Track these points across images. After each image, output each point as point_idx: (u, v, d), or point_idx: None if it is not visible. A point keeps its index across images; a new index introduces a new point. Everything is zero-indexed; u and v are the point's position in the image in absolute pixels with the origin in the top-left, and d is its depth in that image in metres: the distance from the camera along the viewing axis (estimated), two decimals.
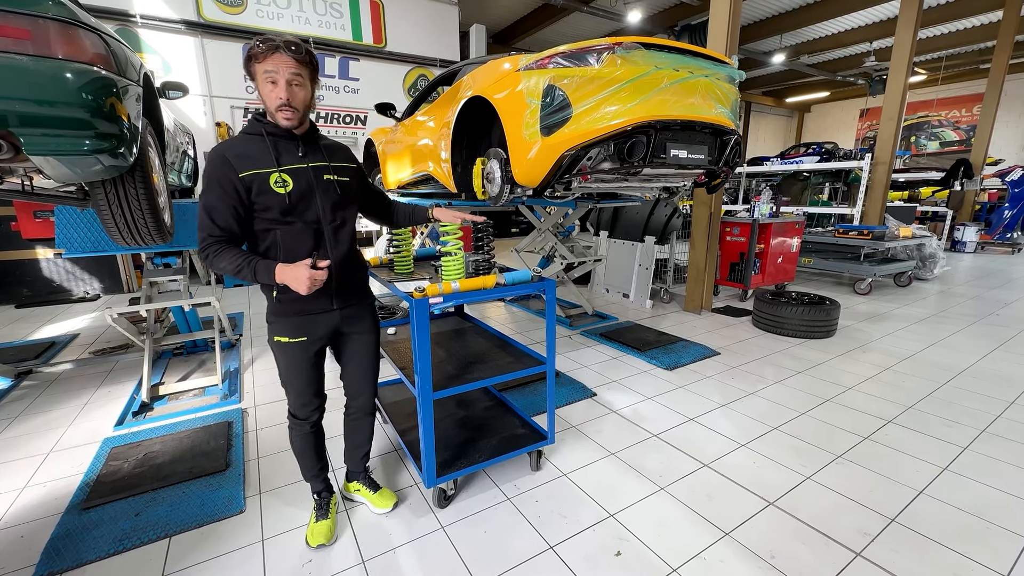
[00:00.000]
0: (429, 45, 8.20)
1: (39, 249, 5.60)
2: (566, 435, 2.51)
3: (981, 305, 5.22)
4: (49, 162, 1.60)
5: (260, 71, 1.37)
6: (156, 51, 6.31)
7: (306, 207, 1.50)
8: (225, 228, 1.42)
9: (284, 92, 1.38)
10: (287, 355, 1.62)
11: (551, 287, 2.02)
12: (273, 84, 1.38)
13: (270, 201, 1.44)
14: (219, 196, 1.40)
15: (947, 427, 2.58)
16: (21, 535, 1.82)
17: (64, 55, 1.50)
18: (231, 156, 1.41)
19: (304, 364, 1.65)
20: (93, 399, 3.01)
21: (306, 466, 1.81)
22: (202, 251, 1.42)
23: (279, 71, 1.36)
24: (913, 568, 1.63)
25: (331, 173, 1.56)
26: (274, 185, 1.43)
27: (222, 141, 1.45)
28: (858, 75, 14.85)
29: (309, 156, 1.52)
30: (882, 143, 6.93)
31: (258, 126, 1.47)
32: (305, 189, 1.49)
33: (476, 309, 5.14)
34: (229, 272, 1.41)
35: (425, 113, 3.46)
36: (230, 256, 1.40)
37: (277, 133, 1.47)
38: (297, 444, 1.77)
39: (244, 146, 1.44)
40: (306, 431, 1.75)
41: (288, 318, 1.58)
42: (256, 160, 1.43)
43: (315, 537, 1.75)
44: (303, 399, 1.70)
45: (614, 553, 1.71)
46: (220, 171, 1.40)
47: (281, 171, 1.44)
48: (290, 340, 1.59)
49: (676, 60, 2.28)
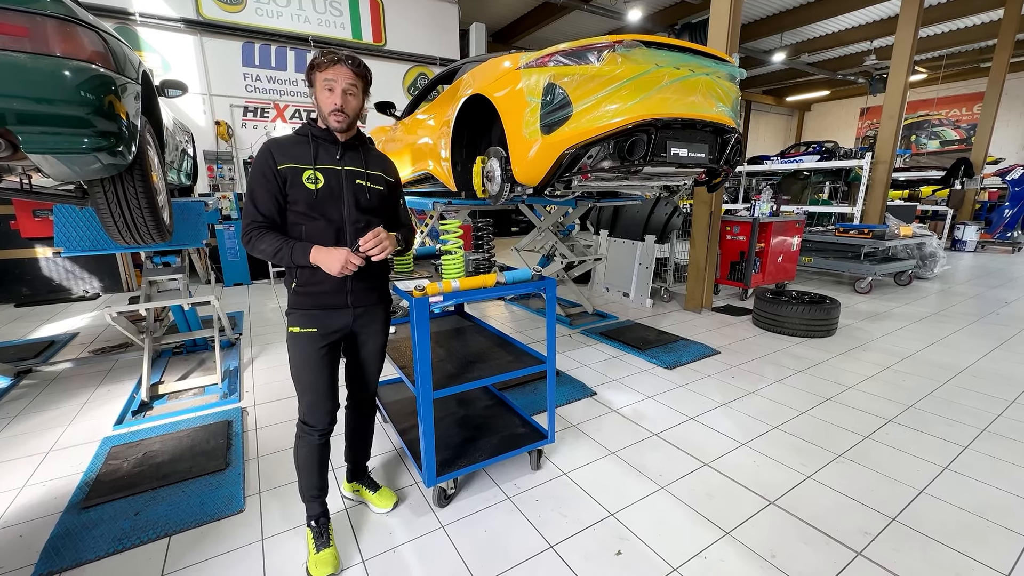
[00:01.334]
0: (429, 44, 8.18)
1: (38, 248, 5.59)
2: (566, 434, 2.51)
3: (981, 304, 5.21)
4: (48, 160, 1.59)
5: (320, 79, 1.51)
6: (155, 49, 6.30)
7: (332, 205, 1.58)
8: (267, 214, 1.53)
9: (339, 99, 1.51)
10: (298, 346, 1.62)
11: (551, 286, 2.02)
12: (330, 91, 1.51)
13: (299, 195, 1.53)
14: (262, 184, 1.52)
15: (948, 426, 2.57)
16: (20, 534, 1.82)
17: (62, 52, 1.50)
18: (275, 149, 1.54)
19: (314, 357, 1.62)
20: (92, 398, 3.00)
21: (308, 483, 1.70)
22: (245, 235, 1.53)
23: (337, 80, 1.50)
24: (914, 567, 1.63)
25: (365, 179, 1.63)
26: (306, 181, 1.53)
27: (273, 138, 1.59)
28: (858, 74, 14.82)
29: (346, 160, 1.61)
30: (882, 142, 6.92)
31: (306, 128, 1.60)
32: (335, 188, 1.57)
33: (476, 308, 5.14)
34: (268, 254, 1.50)
35: (425, 111, 3.45)
36: (270, 239, 1.50)
37: (321, 136, 1.59)
38: (302, 455, 1.68)
39: (289, 143, 1.57)
40: (315, 442, 1.67)
41: (303, 310, 1.63)
42: (296, 156, 1.54)
43: (320, 568, 1.61)
44: (314, 398, 1.64)
45: (614, 552, 1.71)
46: (264, 162, 1.52)
47: (316, 169, 1.55)
48: (301, 330, 1.62)
49: (677, 58, 2.27)
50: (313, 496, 1.72)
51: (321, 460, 1.71)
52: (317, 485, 1.72)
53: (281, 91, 7.19)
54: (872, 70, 13.70)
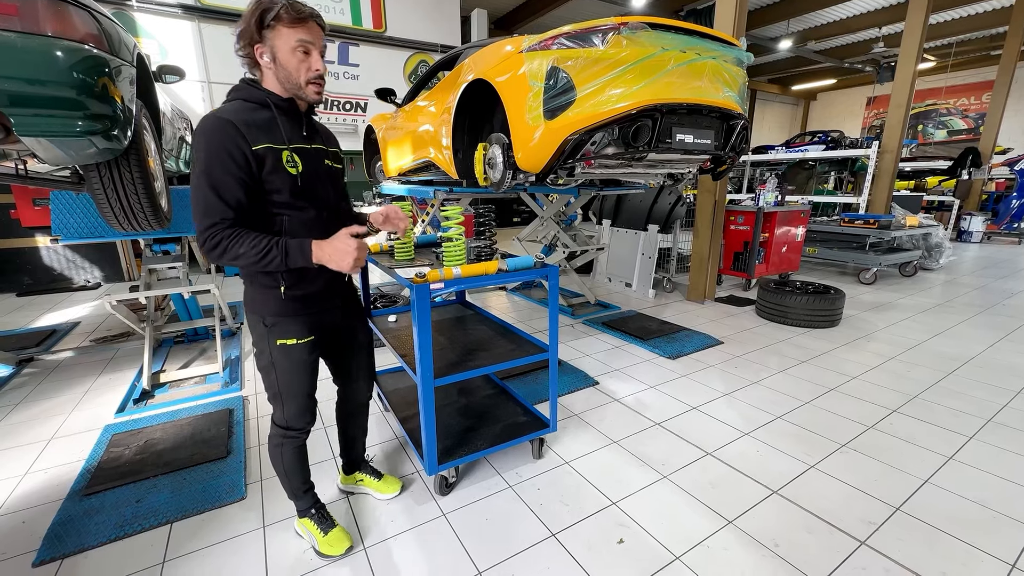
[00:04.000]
0: (430, 30, 8.06)
1: (38, 237, 5.58)
2: (568, 423, 2.50)
3: (987, 295, 5.17)
4: (41, 144, 1.57)
5: (291, 37, 1.23)
6: (153, 36, 6.22)
7: (315, 192, 1.37)
8: (237, 208, 1.21)
9: (321, 64, 1.29)
10: (292, 359, 1.44)
11: (553, 273, 1.99)
12: (305, 54, 1.27)
13: (281, 182, 1.28)
14: (228, 169, 1.19)
15: (953, 416, 2.55)
16: (23, 520, 1.82)
17: (53, 32, 1.46)
18: (241, 125, 1.22)
19: (309, 367, 1.49)
20: (94, 387, 3.00)
21: (297, 482, 1.63)
22: (211, 239, 1.18)
23: (315, 41, 1.28)
24: (919, 557, 1.62)
25: (330, 159, 1.46)
26: (286, 164, 1.28)
27: (217, 108, 1.26)
28: (866, 62, 14.59)
29: (312, 138, 1.40)
30: (890, 131, 6.82)
31: (260, 94, 1.30)
32: (313, 172, 1.36)
33: (478, 298, 5.12)
34: (250, 260, 1.19)
35: (426, 98, 3.40)
36: (250, 240, 1.18)
37: (282, 106, 1.31)
38: (288, 459, 1.58)
39: (249, 115, 1.26)
40: (301, 442, 1.58)
41: (296, 317, 1.41)
42: (267, 132, 1.27)
43: (336, 546, 1.61)
44: (301, 406, 1.52)
45: (616, 540, 1.70)
46: (229, 140, 1.19)
47: (291, 149, 1.30)
48: (298, 341, 1.42)
49: (683, 41, 2.22)
50: (306, 490, 1.68)
51: (304, 457, 1.64)
52: (306, 479, 1.67)
53: None
54: (880, 58, 13.48)
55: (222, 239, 1.18)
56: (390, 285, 5.32)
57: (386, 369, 2.75)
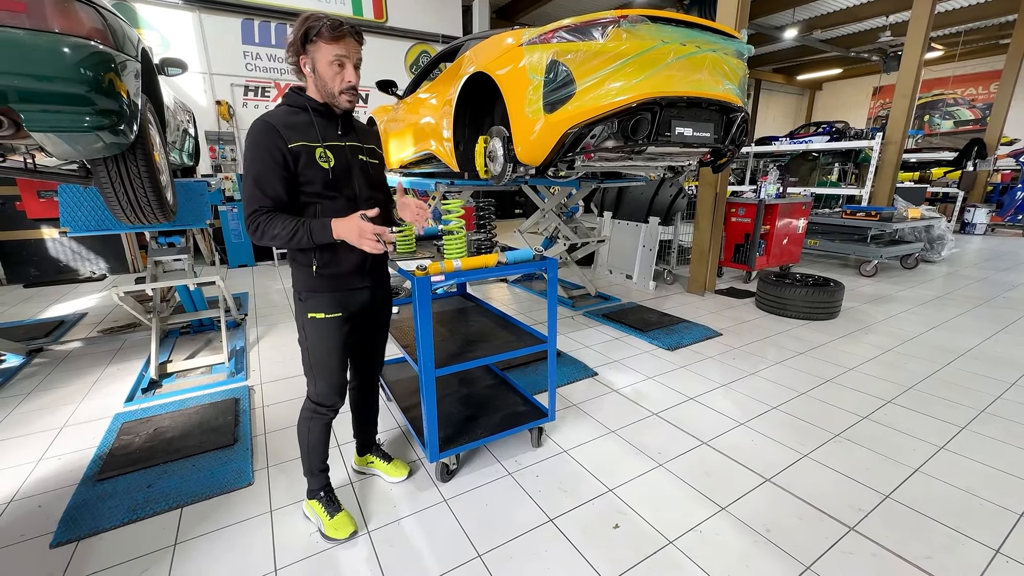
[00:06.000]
0: (431, 20, 8.01)
1: (44, 229, 5.63)
2: (567, 413, 2.55)
3: (987, 287, 5.17)
4: (50, 139, 1.60)
5: (328, 52, 1.40)
6: (154, 27, 6.20)
7: (346, 183, 1.53)
8: (275, 197, 1.42)
9: (354, 76, 1.45)
10: (321, 333, 1.58)
11: (552, 266, 2.02)
12: (341, 67, 1.43)
13: (314, 175, 1.46)
14: (269, 166, 1.40)
15: (947, 407, 2.59)
16: (39, 504, 1.89)
17: (61, 29, 1.49)
18: (279, 126, 1.42)
19: (338, 343, 1.62)
20: (103, 376, 3.07)
21: (316, 460, 1.74)
22: (252, 223, 1.40)
23: (349, 55, 1.43)
24: (905, 542, 1.66)
25: (364, 155, 1.60)
26: (319, 159, 1.46)
27: (265, 112, 1.47)
28: (872, 51, 14.38)
29: (346, 136, 1.56)
30: (894, 122, 6.77)
31: (301, 100, 1.49)
32: (345, 166, 1.52)
33: (479, 290, 5.15)
34: (282, 239, 1.40)
35: (427, 90, 3.40)
36: (282, 222, 1.40)
37: (319, 110, 1.50)
38: (315, 435, 1.70)
39: (289, 118, 1.46)
40: (329, 419, 1.70)
41: (325, 294, 1.57)
42: (303, 132, 1.45)
43: (341, 530, 1.69)
44: (334, 384, 1.65)
45: (612, 526, 1.75)
46: (270, 140, 1.40)
47: (324, 146, 1.47)
48: (326, 316, 1.57)
49: (683, 34, 2.22)
50: (322, 469, 1.77)
51: (329, 435, 1.76)
52: (324, 459, 1.78)
53: (282, 69, 7.08)
54: (887, 47, 13.30)
55: (260, 223, 1.40)
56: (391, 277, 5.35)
57: (388, 360, 2.78)
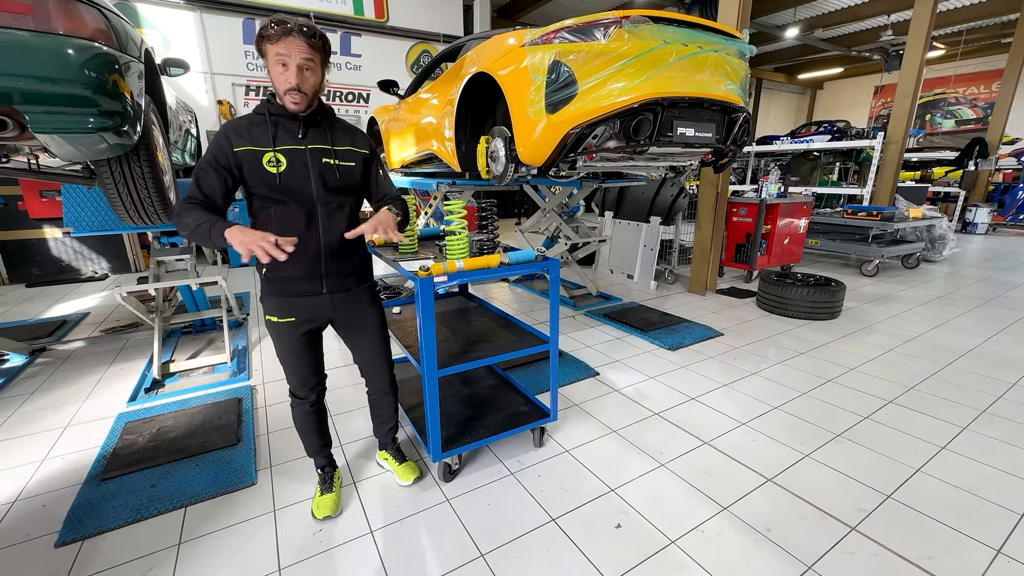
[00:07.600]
0: (432, 19, 8.00)
1: (47, 229, 5.64)
2: (569, 413, 2.55)
3: (989, 287, 5.17)
4: (55, 140, 1.60)
5: (272, 52, 1.37)
6: (155, 26, 6.21)
7: (298, 188, 1.50)
8: (207, 195, 1.43)
9: (295, 77, 1.38)
10: (278, 334, 1.64)
11: (554, 266, 2.03)
12: (284, 67, 1.38)
13: (261, 179, 1.46)
14: (212, 167, 1.43)
15: (948, 407, 2.59)
16: (43, 504, 1.89)
17: (65, 31, 1.49)
18: (231, 132, 1.45)
19: (295, 344, 1.66)
20: (106, 376, 3.08)
21: (308, 443, 1.87)
22: (175, 209, 1.44)
23: (291, 55, 1.36)
24: (907, 542, 1.67)
25: (332, 157, 1.53)
26: (267, 164, 1.45)
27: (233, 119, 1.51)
28: (874, 50, 14.36)
29: (310, 138, 1.51)
30: (896, 121, 6.77)
31: (264, 106, 1.50)
32: (299, 170, 1.49)
33: (481, 290, 5.16)
34: (188, 229, 1.36)
35: (428, 90, 3.40)
36: (196, 214, 1.36)
37: (280, 114, 1.48)
38: (298, 422, 1.82)
39: (247, 124, 1.47)
40: (306, 410, 1.79)
41: (275, 297, 1.60)
42: (254, 138, 1.45)
43: (321, 510, 1.81)
44: (299, 379, 1.73)
45: (614, 525, 1.76)
46: (218, 145, 1.44)
47: (276, 151, 1.46)
48: (278, 320, 1.60)
49: (685, 34, 2.23)
50: (315, 451, 1.89)
51: (317, 423, 1.84)
52: (318, 442, 1.87)
53: None
54: (888, 46, 13.27)
55: (180, 211, 1.40)
56: (393, 277, 5.37)
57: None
